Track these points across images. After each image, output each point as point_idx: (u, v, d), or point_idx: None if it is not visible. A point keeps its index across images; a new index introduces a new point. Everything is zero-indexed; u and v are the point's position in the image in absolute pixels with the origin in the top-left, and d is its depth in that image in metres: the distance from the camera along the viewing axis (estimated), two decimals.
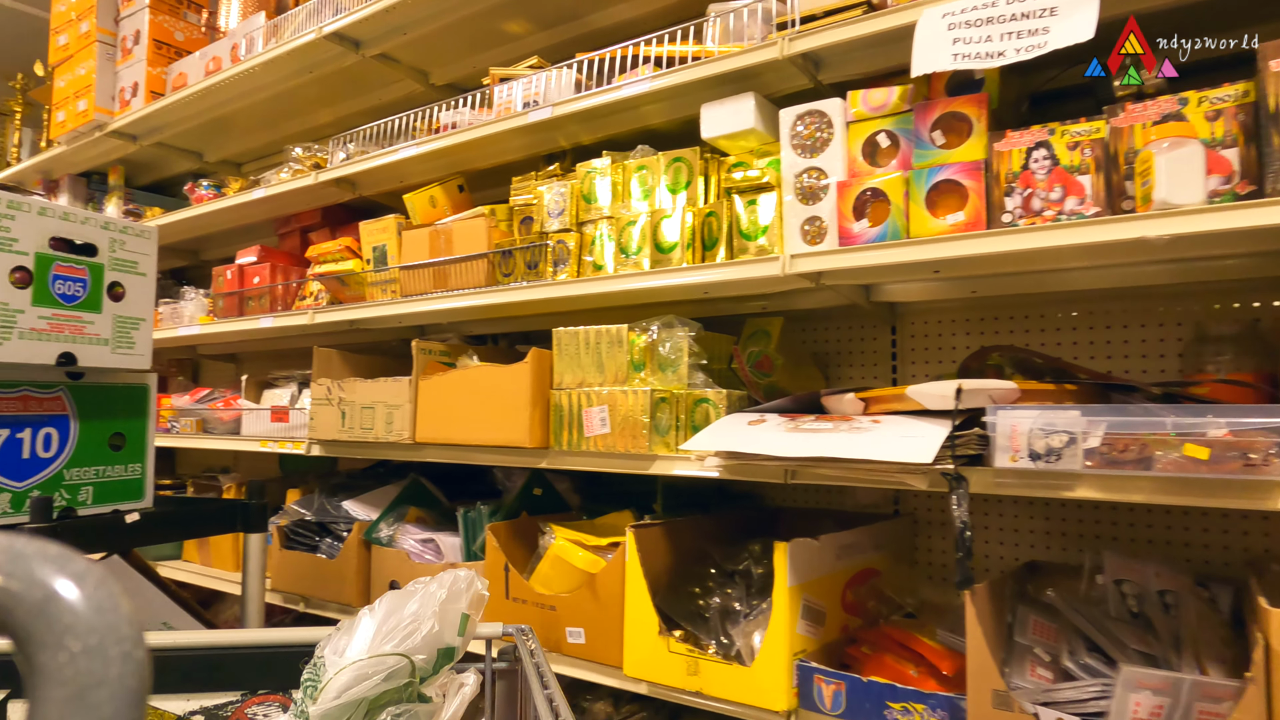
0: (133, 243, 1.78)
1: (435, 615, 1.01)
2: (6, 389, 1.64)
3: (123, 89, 3.09)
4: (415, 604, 1.02)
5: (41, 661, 0.29)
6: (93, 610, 0.30)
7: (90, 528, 1.50)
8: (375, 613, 1.01)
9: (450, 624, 1.02)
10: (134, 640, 0.30)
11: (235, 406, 2.57)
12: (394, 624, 1.00)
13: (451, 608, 1.03)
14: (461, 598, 1.05)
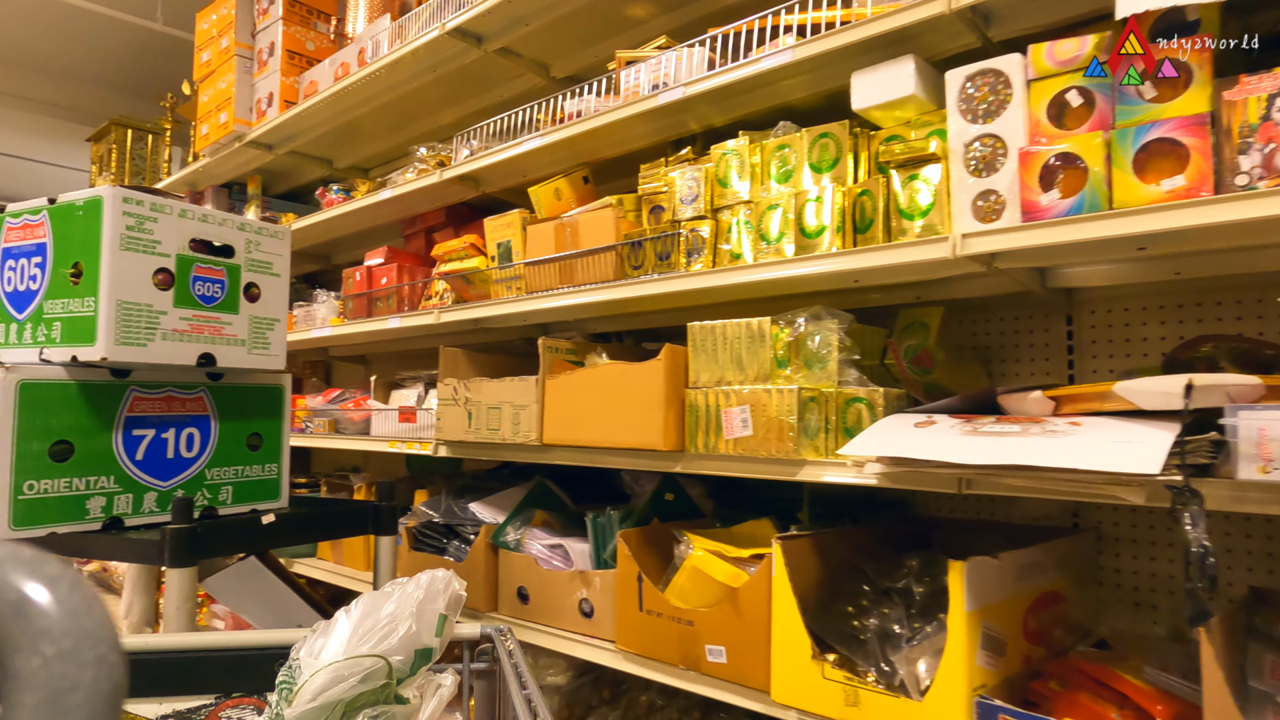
0: (267, 243, 1.78)
1: (413, 616, 1.00)
2: (151, 390, 1.67)
3: (259, 100, 3.20)
4: (392, 605, 1.01)
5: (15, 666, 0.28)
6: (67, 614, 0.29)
7: (228, 529, 1.49)
8: (352, 614, 1.00)
9: (428, 625, 1.01)
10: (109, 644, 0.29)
11: (365, 407, 2.59)
12: (371, 625, 0.99)
13: (429, 608, 1.02)
14: (439, 598, 1.03)
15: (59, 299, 1.55)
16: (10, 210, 1.65)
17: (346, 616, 1.00)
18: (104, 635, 0.30)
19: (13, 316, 1.63)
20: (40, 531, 1.51)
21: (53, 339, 1.55)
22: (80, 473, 1.55)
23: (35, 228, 1.61)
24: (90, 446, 1.56)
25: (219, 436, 1.78)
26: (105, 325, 1.48)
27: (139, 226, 1.53)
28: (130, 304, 1.52)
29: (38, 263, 1.60)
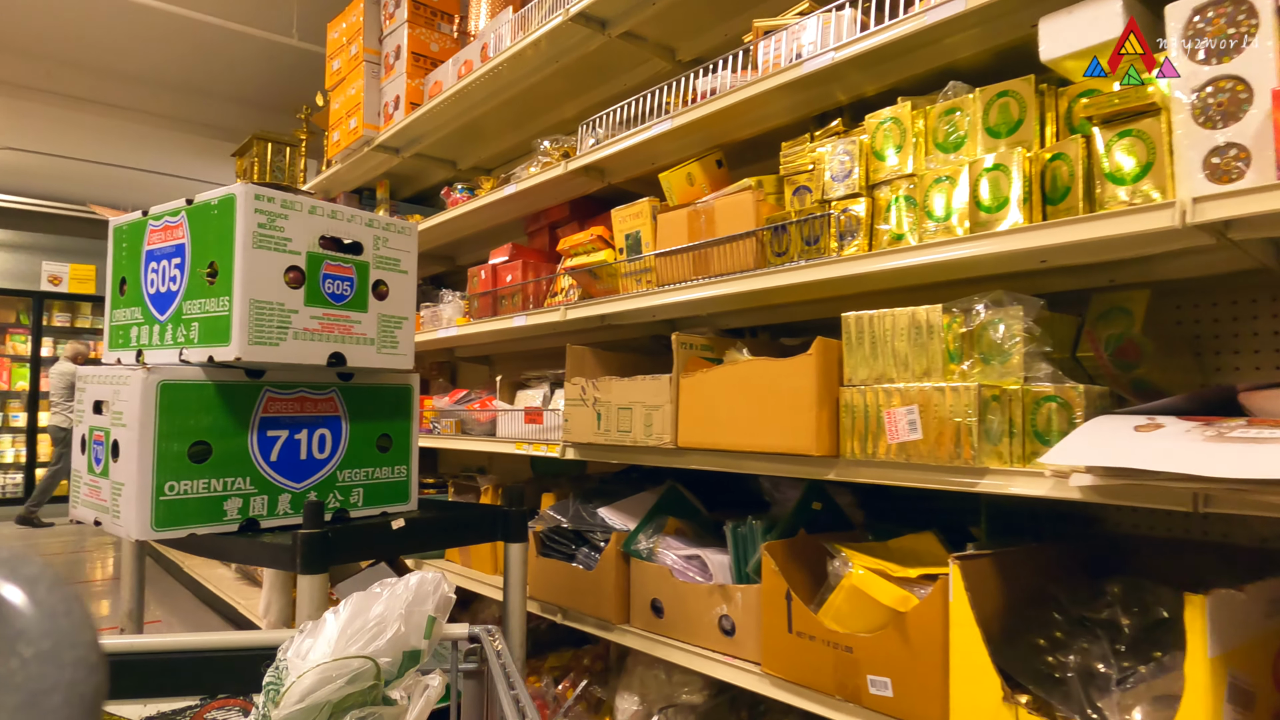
0: (395, 239, 1.74)
1: (401, 618, 0.99)
2: (285, 390, 1.65)
3: (386, 104, 3.23)
4: (381, 606, 1.00)
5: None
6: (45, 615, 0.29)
7: (359, 534, 1.44)
8: (340, 614, 0.99)
9: (416, 626, 1.00)
10: (88, 645, 0.29)
11: (490, 408, 2.54)
12: (359, 626, 0.98)
13: (417, 610, 1.01)
14: (428, 600, 1.02)
15: (196, 299, 1.54)
16: (152, 213, 1.67)
17: (334, 617, 0.99)
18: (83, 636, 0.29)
19: (155, 318, 1.65)
20: (180, 533, 1.52)
21: (191, 339, 1.56)
22: (218, 474, 1.54)
23: (174, 229, 1.62)
24: (227, 447, 1.56)
25: (350, 438, 1.75)
26: (239, 324, 1.46)
27: (270, 224, 1.51)
28: (263, 303, 1.49)
29: (177, 264, 1.60)
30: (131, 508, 1.46)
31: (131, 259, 1.73)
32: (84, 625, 0.30)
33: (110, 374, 1.55)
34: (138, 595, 1.83)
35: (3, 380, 8.92)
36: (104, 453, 1.56)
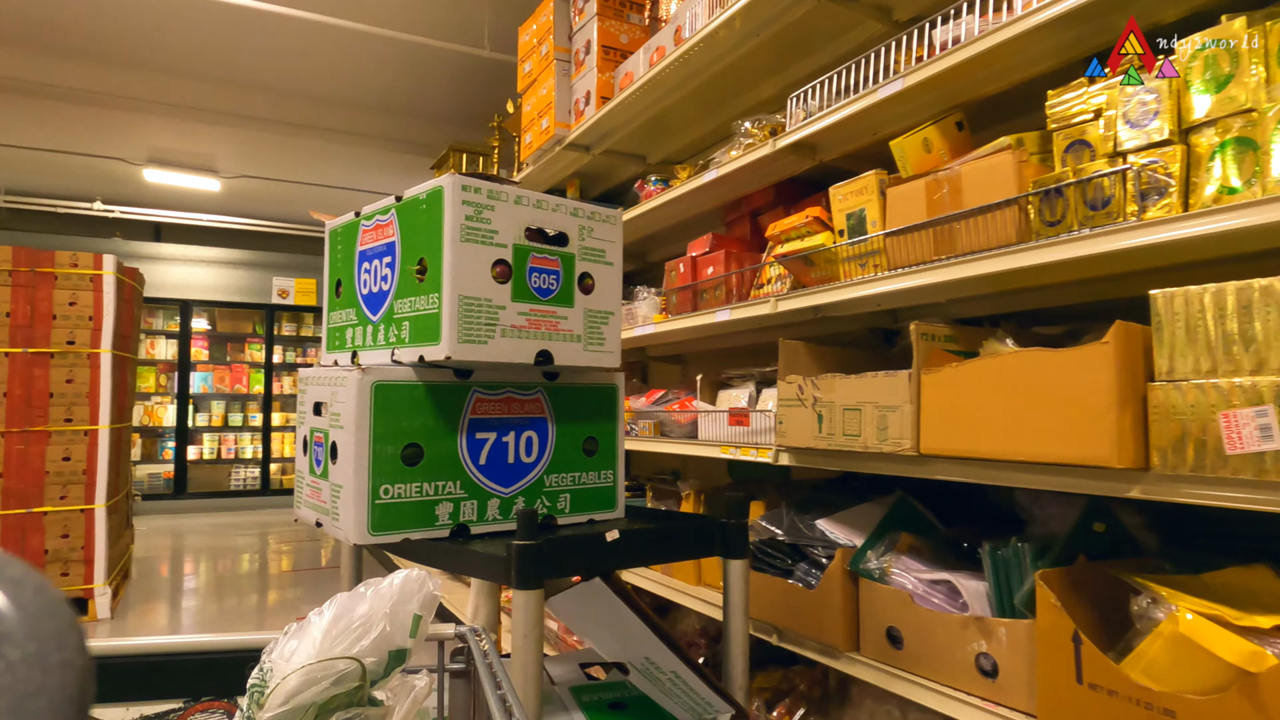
0: (600, 229, 1.63)
1: (386, 617, 0.97)
2: (492, 391, 1.58)
3: (577, 100, 3.19)
4: (366, 605, 0.98)
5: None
6: (31, 617, 0.28)
7: (573, 547, 1.34)
8: (324, 615, 0.98)
9: (401, 626, 0.99)
10: (74, 648, 0.29)
11: (690, 409, 2.40)
12: (344, 626, 0.96)
13: (403, 609, 1.00)
14: (413, 598, 1.01)
15: (407, 297, 1.51)
16: (364, 213, 1.66)
17: (320, 617, 0.98)
18: (70, 639, 0.29)
19: (368, 318, 1.64)
20: (395, 538, 1.48)
21: (402, 339, 1.52)
22: (429, 477, 1.50)
23: (385, 227, 1.59)
24: (438, 450, 1.51)
25: (556, 440, 1.66)
26: (449, 322, 1.40)
27: (477, 216, 1.44)
28: (471, 299, 1.43)
29: (388, 262, 1.58)
30: (350, 511, 1.43)
31: (346, 260, 1.73)
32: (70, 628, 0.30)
33: (328, 375, 1.55)
34: None
35: (243, 384, 9.98)
36: (323, 455, 1.55)
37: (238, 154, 7.71)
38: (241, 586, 5.74)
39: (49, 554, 4.56)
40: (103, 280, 4.77)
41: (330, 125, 6.65)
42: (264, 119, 6.44)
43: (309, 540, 7.62)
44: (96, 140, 7.23)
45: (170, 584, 5.83)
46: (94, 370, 4.71)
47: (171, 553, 7.19)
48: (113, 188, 8.53)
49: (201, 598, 5.34)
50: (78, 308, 4.69)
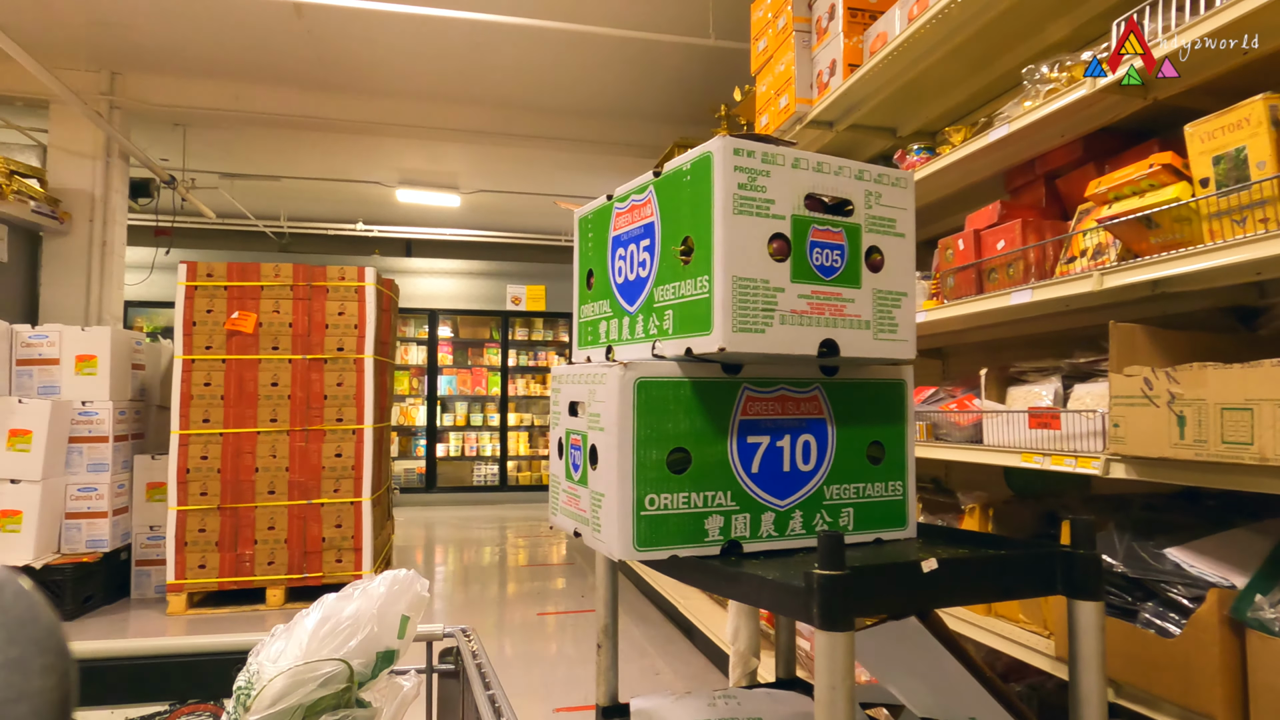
0: (889, 195, 1.37)
1: (374, 618, 0.99)
2: (764, 388, 1.37)
3: (820, 73, 2.92)
4: (354, 606, 1.00)
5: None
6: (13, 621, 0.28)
7: (885, 578, 1.09)
8: (312, 615, 0.99)
9: (389, 626, 1.00)
10: (57, 652, 0.29)
11: (971, 408, 2.05)
12: (331, 627, 0.97)
13: (391, 609, 1.01)
14: (401, 599, 1.02)
15: (670, 283, 1.34)
16: (618, 194, 1.52)
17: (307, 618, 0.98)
18: (52, 643, 0.29)
19: (624, 309, 1.49)
20: (662, 554, 1.32)
21: (665, 330, 1.36)
22: (697, 486, 1.32)
23: (641, 207, 1.44)
24: (706, 456, 1.33)
25: (836, 445, 1.42)
26: (721, 308, 1.22)
27: (751, 184, 1.24)
28: (746, 280, 1.23)
29: (646, 246, 1.42)
30: (613, 523, 1.29)
31: (598, 248, 1.60)
32: (52, 632, 0.29)
33: (585, 373, 1.42)
34: (612, 609, 1.71)
35: (482, 387, 10.64)
36: (581, 459, 1.43)
37: (475, 170, 8.19)
38: (485, 577, 6.03)
39: (325, 541, 5.01)
40: (365, 291, 5.17)
41: (553, 134, 6.84)
42: (496, 133, 6.74)
43: (545, 537, 7.92)
44: (358, 166, 7.98)
45: (423, 572, 6.26)
46: (359, 374, 5.12)
47: (424, 542, 7.75)
48: (371, 209, 9.41)
49: (451, 584, 5.66)
50: (345, 317, 5.12)
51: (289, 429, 5.01)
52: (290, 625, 1.03)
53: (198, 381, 4.92)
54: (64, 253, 5.90)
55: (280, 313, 5.03)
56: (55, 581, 4.65)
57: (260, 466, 4.96)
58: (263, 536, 4.93)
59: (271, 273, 5.05)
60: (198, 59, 5.83)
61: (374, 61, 5.82)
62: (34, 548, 4.62)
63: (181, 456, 4.87)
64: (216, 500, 4.90)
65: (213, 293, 4.97)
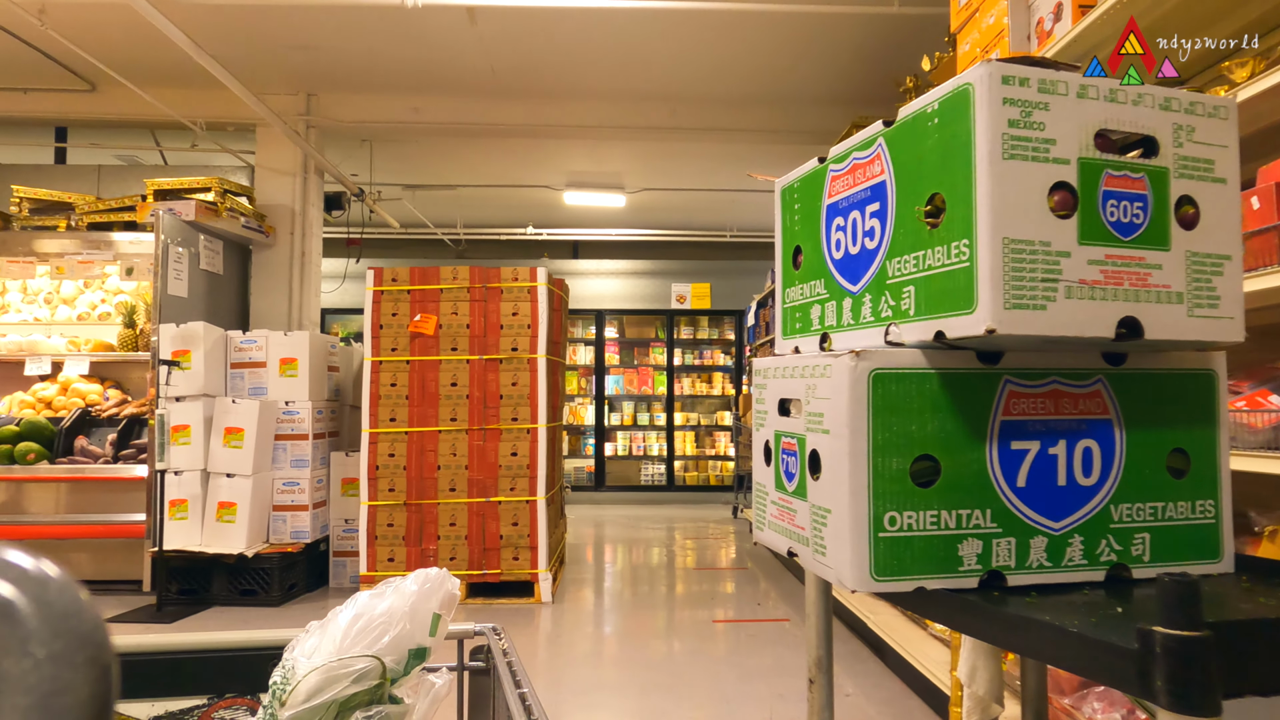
0: (1204, 129, 1.06)
1: (406, 615, 1.00)
2: (1031, 381, 1.10)
3: (1040, 20, 2.53)
4: (386, 603, 1.01)
5: (4, 669, 0.28)
6: (57, 616, 0.29)
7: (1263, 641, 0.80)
8: (345, 612, 1.01)
9: (421, 624, 1.01)
10: (99, 646, 0.29)
11: (1270, 405, 1.65)
12: (364, 624, 0.99)
13: (423, 607, 1.02)
14: (433, 596, 1.03)
15: (910, 253, 1.10)
16: (833, 154, 1.29)
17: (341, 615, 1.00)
18: (95, 637, 0.29)
19: (844, 289, 1.26)
20: (906, 585, 1.08)
21: (902, 311, 1.12)
22: (948, 503, 1.07)
23: (867, 166, 1.20)
24: (958, 465, 1.07)
25: (1127, 453, 1.12)
26: (989, 279, 0.96)
27: (1024, 120, 0.97)
28: (1021, 243, 0.97)
29: (874, 211, 1.18)
30: (843, 546, 1.06)
31: (807, 221, 1.38)
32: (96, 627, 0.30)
33: (799, 365, 1.20)
34: (825, 638, 1.48)
35: (648, 386, 10.63)
36: (797, 466, 1.21)
37: (640, 168, 8.15)
38: (654, 578, 5.93)
39: (503, 539, 5.08)
40: (537, 291, 5.20)
41: (718, 125, 6.64)
42: (660, 128, 6.63)
43: (713, 539, 7.74)
44: (527, 171, 8.16)
45: (594, 570, 6.24)
46: (532, 374, 5.15)
47: (594, 540, 7.79)
48: (540, 213, 9.62)
49: (621, 582, 5.59)
50: (519, 317, 5.17)
51: (467, 428, 5.12)
52: (324, 622, 1.04)
53: (385, 382, 5.13)
54: (269, 264, 6.37)
55: (458, 314, 5.16)
56: (264, 569, 4.99)
57: (441, 464, 5.10)
58: (445, 532, 5.06)
59: (450, 276, 5.18)
60: (380, 75, 6.11)
61: (542, 64, 5.87)
62: (246, 537, 4.97)
63: (371, 454, 5.09)
64: (403, 496, 5.08)
65: (397, 297, 5.17)
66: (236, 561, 4.93)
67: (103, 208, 5.69)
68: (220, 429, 5.04)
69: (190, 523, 5.01)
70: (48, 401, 5.65)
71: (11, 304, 6.26)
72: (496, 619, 4.88)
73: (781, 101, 6.54)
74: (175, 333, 5.09)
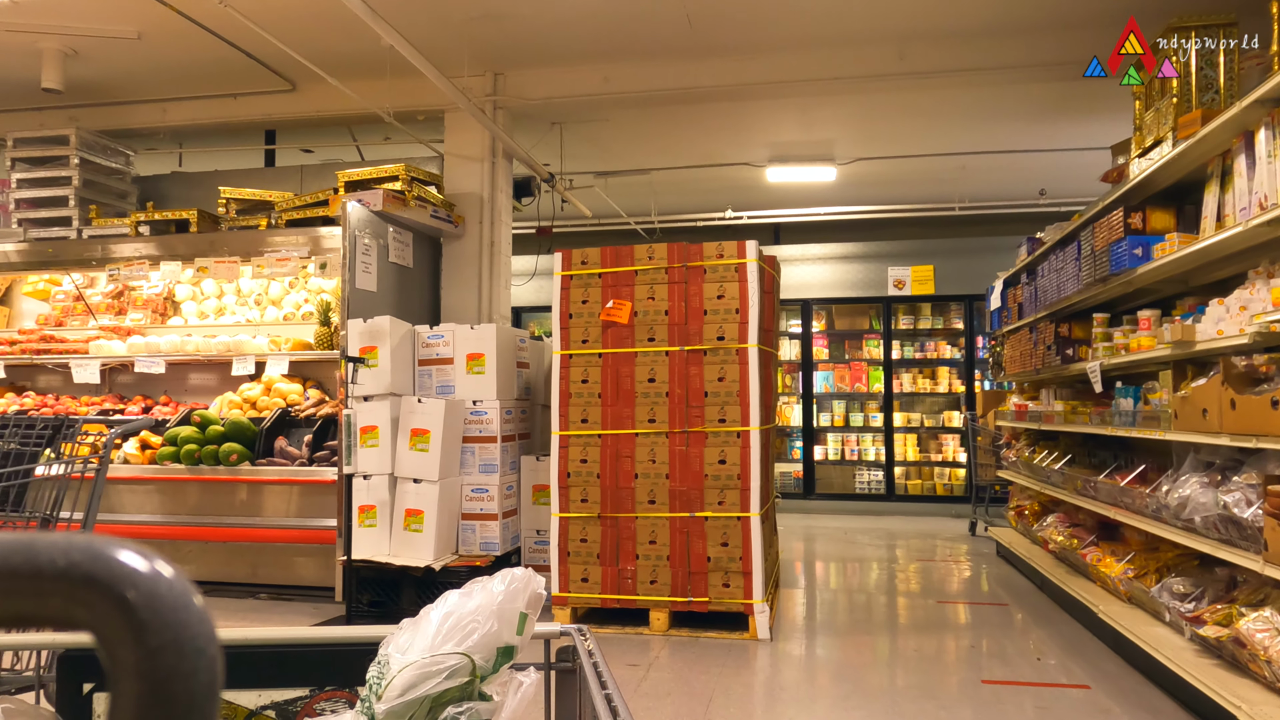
0: None
1: (495, 614, 1.05)
2: None
3: None
4: (475, 602, 1.06)
5: (121, 657, 0.31)
6: (167, 609, 0.31)
7: None
8: (437, 610, 1.06)
9: (509, 623, 1.06)
10: (206, 637, 0.32)
11: None
12: (454, 623, 1.04)
13: (509, 607, 1.06)
14: (519, 596, 1.08)
15: None
16: None
17: (432, 613, 1.05)
18: (202, 630, 0.32)
19: None
20: None
21: None
22: None
23: None
24: None
25: None
26: None
27: None
28: None
29: None
30: None
31: None
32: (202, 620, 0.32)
33: None
34: None
35: (862, 383, 9.51)
36: None
37: (854, 133, 7.13)
38: (884, 613, 4.91)
39: (711, 561, 4.32)
40: (746, 269, 4.40)
41: (956, 65, 5.50)
42: (886, 75, 5.61)
43: (947, 560, 6.56)
44: (727, 146, 7.39)
45: (812, 599, 5.33)
46: (742, 366, 4.36)
47: (804, 556, 6.87)
48: (739, 195, 8.82)
49: (847, 615, 4.64)
50: (725, 300, 4.40)
51: (668, 430, 4.42)
52: (416, 620, 1.07)
53: (575, 378, 4.55)
54: (459, 255, 6.05)
55: (655, 299, 4.47)
56: (453, 584, 4.56)
57: (639, 472, 4.43)
58: (644, 551, 4.39)
59: (645, 255, 4.51)
60: (570, 43, 5.58)
61: (744, 9, 5.06)
62: (434, 548, 4.58)
63: (562, 459, 4.53)
64: (597, 508, 4.47)
65: (587, 281, 4.57)
66: (424, 574, 4.53)
67: (299, 203, 5.59)
68: (406, 430, 4.68)
69: (379, 530, 4.69)
70: (252, 401, 5.62)
71: (228, 306, 6.38)
72: (706, 657, 4.09)
73: (1046, 28, 5.30)
74: (362, 328, 4.80)
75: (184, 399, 6.14)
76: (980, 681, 3.65)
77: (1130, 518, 3.95)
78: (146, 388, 6.23)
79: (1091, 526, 4.92)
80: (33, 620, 0.32)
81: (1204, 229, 3.36)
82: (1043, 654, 4.07)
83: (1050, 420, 5.25)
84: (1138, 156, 4.02)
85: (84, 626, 0.31)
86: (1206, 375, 3.20)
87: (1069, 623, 4.57)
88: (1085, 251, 4.33)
